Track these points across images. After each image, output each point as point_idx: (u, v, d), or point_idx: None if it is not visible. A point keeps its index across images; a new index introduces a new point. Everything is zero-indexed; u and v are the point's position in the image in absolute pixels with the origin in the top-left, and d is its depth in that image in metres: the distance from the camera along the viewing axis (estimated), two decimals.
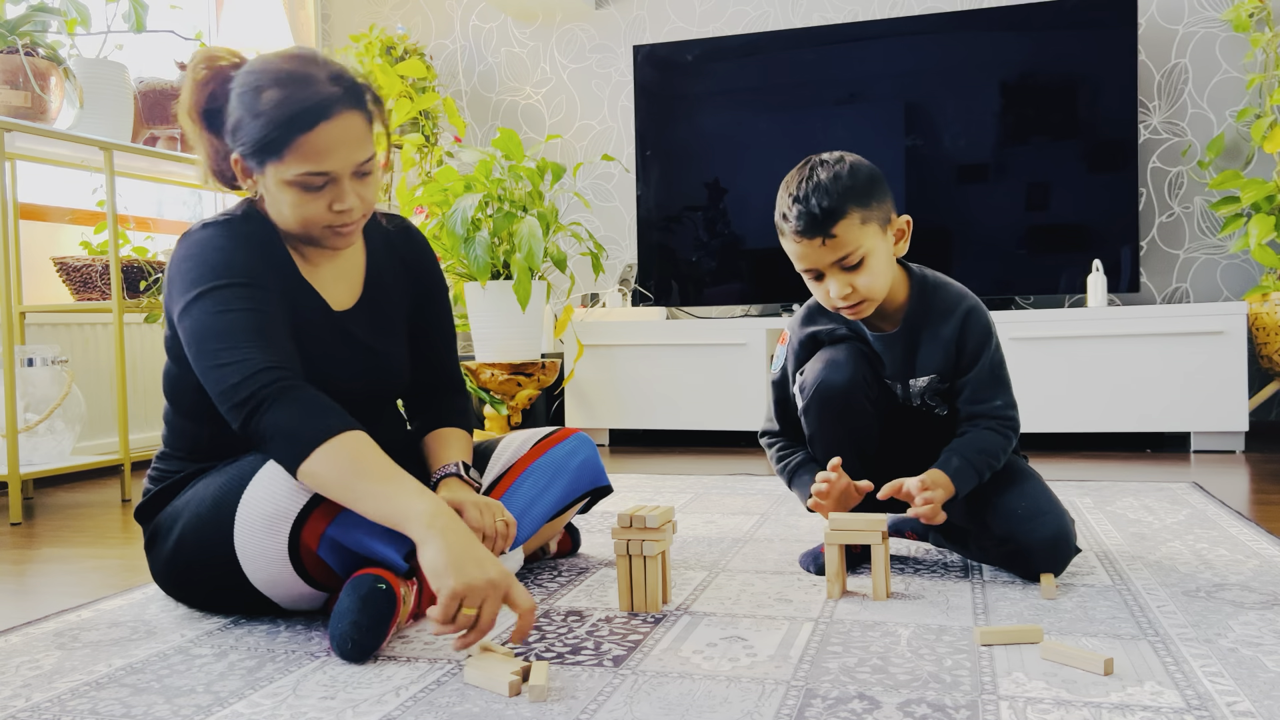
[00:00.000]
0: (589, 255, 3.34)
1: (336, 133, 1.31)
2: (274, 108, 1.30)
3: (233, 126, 1.35)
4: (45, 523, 2.39)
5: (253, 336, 1.28)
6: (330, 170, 1.33)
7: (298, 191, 1.34)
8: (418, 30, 4.26)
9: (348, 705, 1.10)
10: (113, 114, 2.84)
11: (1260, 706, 1.04)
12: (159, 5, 3.33)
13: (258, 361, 1.26)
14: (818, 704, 1.07)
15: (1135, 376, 3.10)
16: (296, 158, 1.31)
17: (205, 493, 1.38)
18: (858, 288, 1.51)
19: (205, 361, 1.29)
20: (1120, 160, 3.32)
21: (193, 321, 1.31)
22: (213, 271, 1.33)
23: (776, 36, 3.67)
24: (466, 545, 1.17)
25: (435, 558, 1.15)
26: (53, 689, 1.19)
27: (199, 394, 1.37)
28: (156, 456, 1.52)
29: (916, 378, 1.61)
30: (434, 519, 1.18)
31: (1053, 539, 1.51)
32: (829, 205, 1.46)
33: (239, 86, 1.35)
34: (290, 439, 1.24)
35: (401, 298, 1.56)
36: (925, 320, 1.60)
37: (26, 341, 2.87)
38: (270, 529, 1.29)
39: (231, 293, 1.31)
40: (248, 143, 1.33)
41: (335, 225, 1.37)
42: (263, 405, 1.25)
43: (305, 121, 1.29)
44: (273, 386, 1.25)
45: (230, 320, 1.29)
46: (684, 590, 1.56)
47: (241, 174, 1.40)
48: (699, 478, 2.77)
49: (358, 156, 1.34)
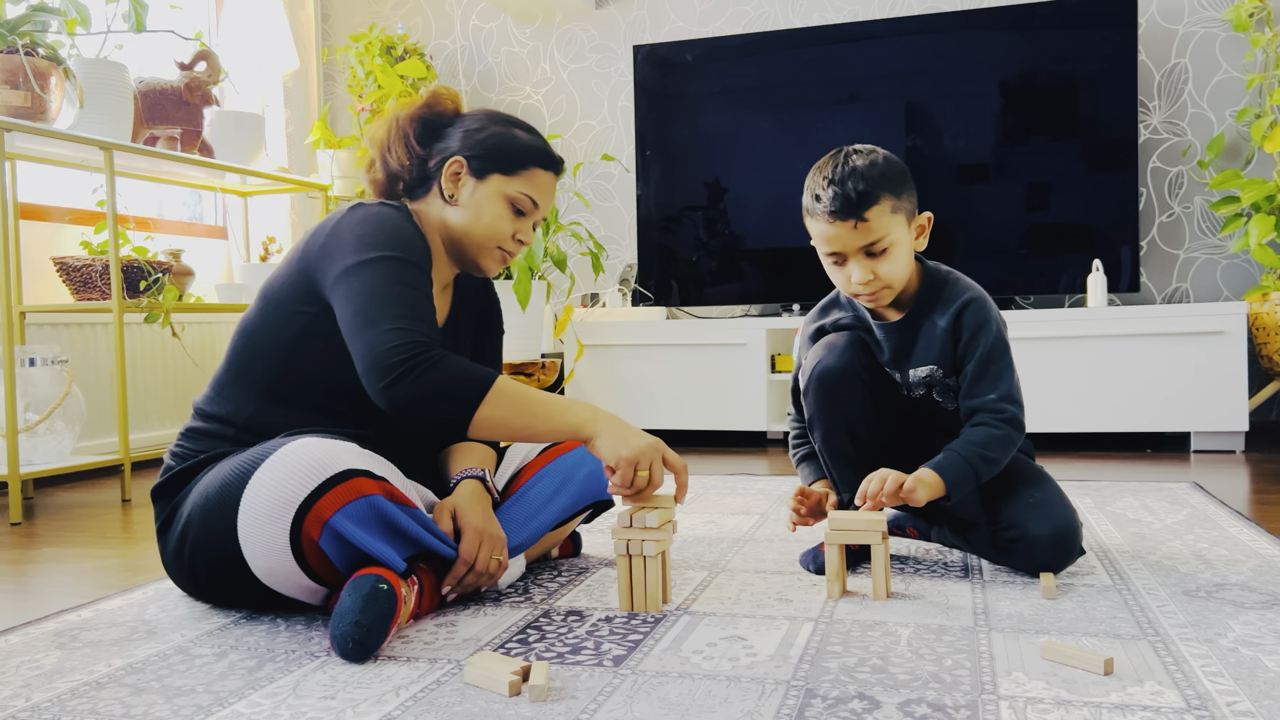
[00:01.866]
0: (589, 255, 3.34)
1: (552, 185, 1.60)
2: (527, 142, 1.57)
3: (469, 137, 1.56)
4: (45, 523, 2.39)
5: (421, 314, 1.39)
6: (539, 204, 1.57)
7: (507, 207, 1.55)
8: (418, 30, 4.26)
9: (348, 705, 1.10)
10: (113, 114, 2.84)
11: (1260, 706, 1.04)
12: (159, 5, 3.33)
13: (422, 334, 1.36)
14: (818, 704, 1.07)
15: (1135, 376, 3.10)
16: (526, 181, 1.55)
17: (216, 477, 1.39)
18: (879, 275, 1.55)
19: (367, 319, 1.36)
20: (1120, 160, 3.32)
21: (364, 282, 1.39)
22: (396, 244, 1.43)
23: (776, 36, 3.67)
24: (625, 428, 1.41)
25: (608, 442, 1.39)
26: (53, 689, 1.19)
27: (269, 363, 1.47)
28: (182, 433, 1.54)
29: (915, 367, 1.63)
30: (595, 417, 1.41)
31: (1060, 533, 1.52)
32: (865, 189, 1.50)
33: (489, 115, 1.60)
34: (453, 397, 1.35)
35: (469, 330, 1.70)
36: (928, 311, 1.62)
37: (26, 341, 2.87)
38: (274, 514, 1.29)
39: (411, 270, 1.41)
40: (489, 151, 1.54)
41: (507, 250, 1.57)
42: (426, 368, 1.33)
43: (545, 162, 1.58)
44: (435, 353, 1.36)
45: (405, 292, 1.39)
46: (684, 590, 1.56)
47: (449, 177, 1.55)
48: (699, 478, 2.77)
49: (547, 212, 1.69)
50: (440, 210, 1.57)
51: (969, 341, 1.59)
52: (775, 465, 3.04)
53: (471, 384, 1.35)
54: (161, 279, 2.95)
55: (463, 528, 1.46)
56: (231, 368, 1.52)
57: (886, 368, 1.67)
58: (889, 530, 1.83)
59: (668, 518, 1.45)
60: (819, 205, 1.54)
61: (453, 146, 1.57)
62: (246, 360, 1.50)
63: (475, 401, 1.35)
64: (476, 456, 1.62)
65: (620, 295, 3.80)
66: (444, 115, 1.61)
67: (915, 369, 1.64)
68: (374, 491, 1.32)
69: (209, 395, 1.54)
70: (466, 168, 1.55)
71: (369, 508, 1.31)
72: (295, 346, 1.47)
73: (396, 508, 1.34)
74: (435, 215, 1.57)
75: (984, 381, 1.58)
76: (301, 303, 1.46)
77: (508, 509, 1.60)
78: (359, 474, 1.32)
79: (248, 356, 1.50)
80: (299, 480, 1.30)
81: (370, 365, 1.34)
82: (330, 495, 1.30)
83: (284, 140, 4.07)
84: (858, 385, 1.62)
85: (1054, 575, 1.53)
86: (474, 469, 1.57)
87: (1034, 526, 1.53)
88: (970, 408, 1.59)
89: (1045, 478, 1.61)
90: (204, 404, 1.54)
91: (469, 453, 1.62)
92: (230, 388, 1.51)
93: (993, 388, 1.58)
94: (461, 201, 1.55)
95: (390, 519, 1.34)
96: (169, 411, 3.42)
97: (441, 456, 1.64)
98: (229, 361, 1.53)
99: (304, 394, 1.49)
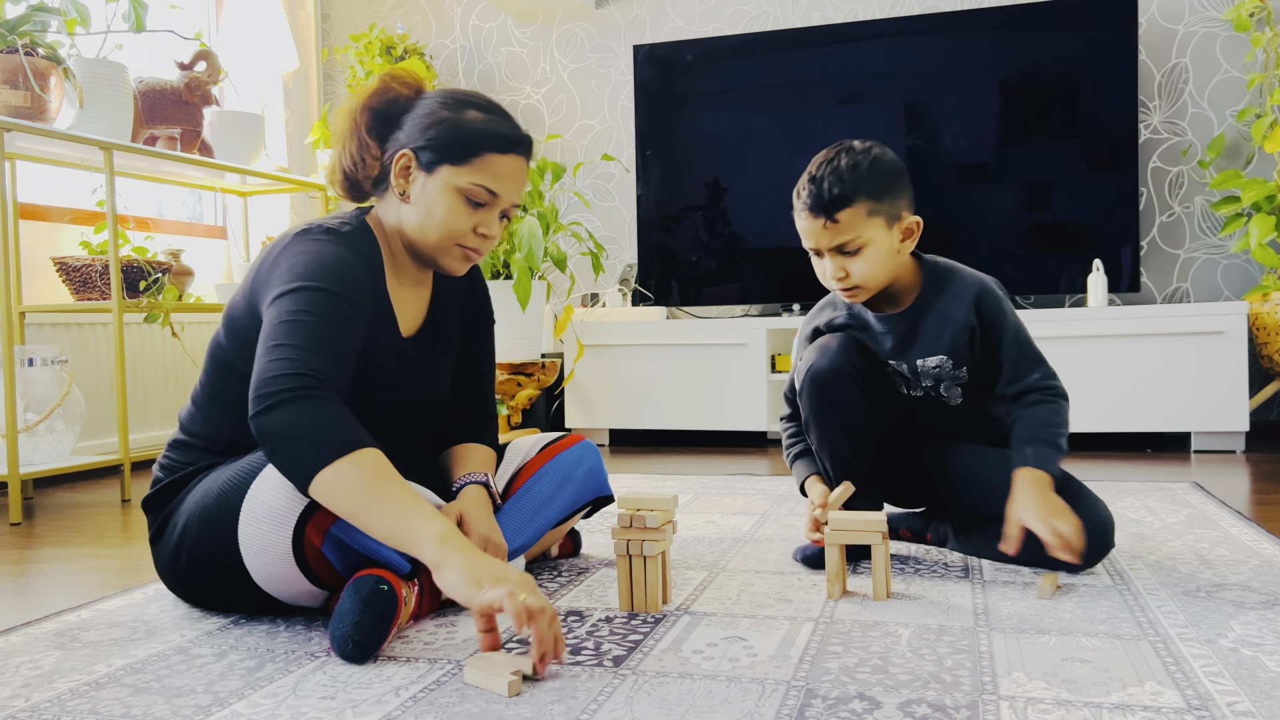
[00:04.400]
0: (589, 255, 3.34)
1: (516, 168, 1.44)
2: (479, 123, 1.42)
3: (418, 126, 1.43)
4: (45, 523, 2.39)
5: (312, 341, 1.28)
6: (498, 194, 1.42)
7: (460, 201, 1.41)
8: (418, 30, 4.26)
9: (348, 705, 1.10)
10: (112, 114, 2.84)
11: (1260, 706, 1.03)
12: (159, 5, 3.33)
13: (302, 364, 1.25)
14: (818, 704, 1.07)
15: (1135, 376, 3.10)
16: (478, 170, 1.41)
17: (213, 485, 1.38)
18: (851, 273, 1.56)
19: (266, 347, 1.28)
20: (1120, 160, 3.32)
21: (275, 312, 1.32)
22: (325, 276, 1.34)
23: (776, 36, 3.66)
24: (479, 563, 1.17)
25: (454, 578, 1.16)
26: (53, 689, 1.19)
27: (241, 383, 1.37)
28: (169, 445, 1.52)
29: (925, 357, 1.63)
30: (444, 541, 1.18)
31: (1098, 526, 1.54)
32: (839, 192, 1.51)
33: (440, 98, 1.45)
34: (308, 444, 1.21)
35: (456, 329, 1.62)
36: (934, 301, 1.62)
37: (26, 341, 2.87)
38: (275, 523, 1.29)
39: (320, 297, 1.32)
40: (435, 141, 1.41)
41: (470, 247, 1.45)
42: (284, 403, 1.22)
43: (501, 144, 1.42)
44: (300, 390, 1.23)
45: (303, 322, 1.29)
46: (684, 590, 1.56)
47: (399, 173, 1.43)
48: (699, 478, 2.76)
49: (515, 198, 1.46)
50: (396, 209, 1.46)
51: (995, 331, 1.60)
52: (775, 465, 3.04)
53: (335, 439, 1.21)
54: (161, 279, 2.95)
55: (468, 535, 1.45)
56: (207, 388, 1.49)
57: (890, 361, 1.66)
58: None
59: (668, 518, 1.45)
60: (798, 200, 1.57)
61: (401, 138, 1.44)
62: (218, 382, 1.47)
63: (329, 458, 1.20)
64: (479, 460, 1.60)
65: (620, 295, 3.80)
66: (398, 102, 1.47)
67: (924, 360, 1.64)
68: None
69: (191, 411, 1.51)
70: (415, 161, 1.42)
71: None
72: None
73: None
74: (392, 214, 1.47)
75: (1022, 365, 1.60)
76: (254, 330, 1.39)
77: (508, 510, 1.60)
78: None
79: (219, 378, 1.47)
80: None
81: (254, 391, 1.25)
82: None
83: (284, 140, 4.07)
84: (851, 387, 1.62)
85: (1056, 575, 1.53)
86: (477, 474, 1.54)
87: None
88: (1017, 392, 1.61)
89: (1070, 476, 1.62)
90: (187, 420, 1.51)
91: (471, 456, 1.60)
92: (208, 408, 1.48)
93: (1035, 368, 1.60)
94: (413, 198, 1.43)
95: None
96: (169, 411, 3.42)
97: (443, 459, 1.63)
98: (204, 382, 1.49)
99: None
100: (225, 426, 1.46)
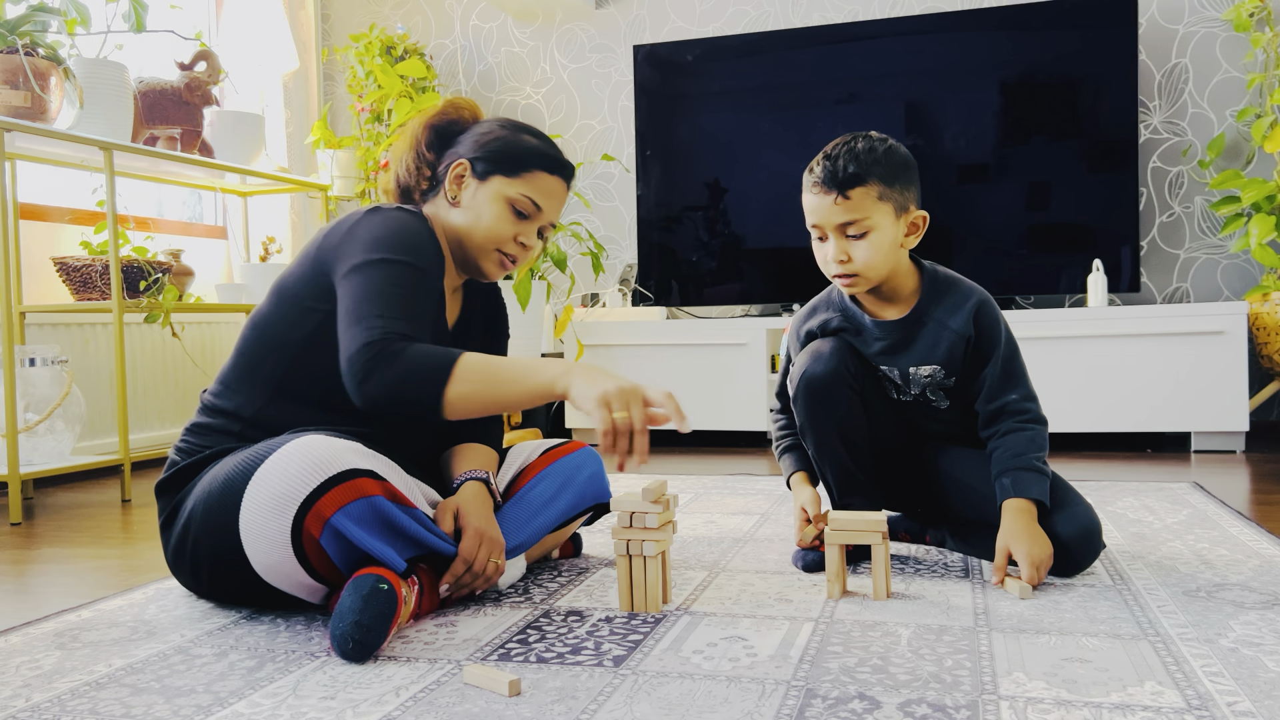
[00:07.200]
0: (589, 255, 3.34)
1: (559, 190, 1.60)
2: (532, 145, 1.58)
3: (476, 141, 1.58)
4: (45, 523, 2.39)
5: (408, 313, 1.38)
6: (542, 209, 1.57)
7: (507, 209, 1.55)
8: (418, 30, 4.26)
9: (348, 705, 1.10)
10: (113, 114, 2.84)
11: (1260, 706, 1.04)
12: (159, 5, 3.33)
13: (396, 330, 1.34)
14: (818, 704, 1.07)
15: (1136, 376, 3.10)
16: (527, 183, 1.56)
17: (221, 472, 1.40)
18: (853, 257, 1.56)
19: (352, 319, 1.36)
20: (1120, 160, 3.32)
21: (365, 280, 1.39)
22: (405, 248, 1.43)
23: (776, 36, 3.66)
24: (599, 373, 1.32)
25: (581, 389, 1.29)
26: (53, 689, 1.19)
27: (281, 356, 1.47)
28: (186, 429, 1.54)
29: (918, 366, 1.63)
30: (568, 370, 1.32)
31: (1085, 532, 1.54)
32: (854, 170, 1.53)
33: (499, 121, 1.62)
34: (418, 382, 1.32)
35: (477, 334, 1.71)
36: (933, 310, 1.63)
37: (26, 341, 2.87)
38: (276, 510, 1.30)
39: (412, 273, 1.41)
40: (492, 154, 1.56)
41: (508, 255, 1.57)
42: (389, 360, 1.32)
43: (549, 165, 1.58)
44: (398, 344, 1.33)
45: (397, 293, 1.38)
46: (684, 590, 1.56)
47: (453, 180, 1.57)
48: (699, 478, 2.77)
49: (554, 216, 1.61)
50: (445, 213, 1.58)
51: (988, 343, 1.61)
52: (775, 465, 3.04)
53: (434, 366, 1.32)
54: (161, 279, 2.95)
55: (464, 528, 1.46)
56: (240, 362, 1.52)
57: (880, 364, 1.66)
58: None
59: (668, 518, 1.45)
60: (810, 176, 1.57)
61: (460, 150, 1.59)
62: (257, 355, 1.51)
63: (442, 383, 1.31)
64: (479, 458, 1.62)
65: (620, 295, 3.80)
66: (458, 123, 1.64)
67: (917, 368, 1.64)
68: (375, 492, 1.32)
69: (216, 389, 1.55)
70: (470, 170, 1.56)
71: (370, 508, 1.32)
72: (306, 343, 1.47)
73: (397, 508, 1.35)
74: (442, 218, 1.59)
75: (1003, 383, 1.61)
76: (315, 299, 1.47)
77: (509, 510, 1.60)
78: (361, 474, 1.32)
79: (259, 351, 1.51)
80: (301, 478, 1.30)
81: (345, 369, 1.34)
82: (332, 494, 1.30)
83: (284, 140, 4.07)
84: (846, 391, 1.62)
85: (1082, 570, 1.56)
86: (477, 470, 1.56)
87: (1061, 529, 1.54)
88: (993, 410, 1.62)
89: (1060, 480, 1.63)
90: (211, 398, 1.54)
91: (472, 454, 1.62)
92: (239, 382, 1.52)
93: (1015, 387, 1.62)
94: (463, 203, 1.56)
95: (391, 520, 1.34)
96: (169, 411, 3.42)
97: (444, 457, 1.64)
98: (238, 355, 1.53)
99: (312, 390, 1.49)
100: (254, 400, 1.50)
